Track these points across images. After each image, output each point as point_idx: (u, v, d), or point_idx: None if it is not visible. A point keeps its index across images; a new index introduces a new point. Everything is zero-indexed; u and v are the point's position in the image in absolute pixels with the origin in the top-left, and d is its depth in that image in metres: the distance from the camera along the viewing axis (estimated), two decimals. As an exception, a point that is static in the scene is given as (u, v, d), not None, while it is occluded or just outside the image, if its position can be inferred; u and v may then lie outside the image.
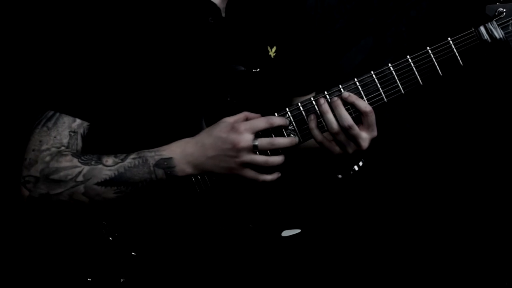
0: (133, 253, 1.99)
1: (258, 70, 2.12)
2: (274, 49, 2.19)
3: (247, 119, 1.93)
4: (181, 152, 1.92)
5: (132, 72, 1.99)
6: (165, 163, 1.92)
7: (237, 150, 1.88)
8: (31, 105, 2.07)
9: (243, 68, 2.07)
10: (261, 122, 1.91)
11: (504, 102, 3.04)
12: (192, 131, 1.97)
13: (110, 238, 1.99)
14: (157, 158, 1.92)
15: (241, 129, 1.88)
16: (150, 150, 1.94)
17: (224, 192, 2.01)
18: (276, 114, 1.97)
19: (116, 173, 1.92)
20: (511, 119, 3.04)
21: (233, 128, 1.88)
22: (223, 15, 2.10)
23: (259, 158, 1.90)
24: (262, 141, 1.90)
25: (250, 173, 1.92)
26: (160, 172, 1.92)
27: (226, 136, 1.88)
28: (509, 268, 2.99)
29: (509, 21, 1.91)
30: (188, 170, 1.92)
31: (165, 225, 2.01)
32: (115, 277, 1.98)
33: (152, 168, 1.92)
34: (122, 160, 1.93)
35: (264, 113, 1.98)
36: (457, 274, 3.01)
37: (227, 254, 2.07)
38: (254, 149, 1.89)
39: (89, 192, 1.92)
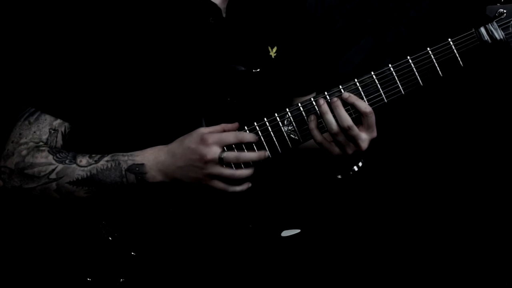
0: (133, 253, 1.99)
1: (258, 70, 2.12)
2: (274, 49, 2.19)
3: (224, 131, 1.94)
4: (154, 159, 1.94)
5: (130, 73, 1.99)
6: (137, 169, 1.94)
7: (204, 162, 1.89)
8: (18, 97, 2.08)
9: (243, 68, 2.07)
10: (231, 137, 1.92)
11: (504, 103, 3.04)
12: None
13: (110, 238, 1.99)
14: (129, 163, 1.94)
15: (209, 142, 1.90)
16: (124, 154, 1.96)
17: (224, 192, 2.00)
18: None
19: (89, 174, 1.93)
20: (511, 120, 3.04)
21: (202, 140, 1.90)
22: (224, 15, 2.09)
23: (226, 171, 1.91)
24: (229, 155, 1.91)
25: (218, 184, 1.93)
26: (131, 177, 1.94)
27: (195, 147, 1.90)
28: (509, 268, 2.99)
29: (509, 22, 1.91)
30: (159, 177, 1.94)
31: (164, 225, 2.00)
32: (115, 277, 1.98)
33: (123, 172, 1.94)
34: (96, 162, 1.94)
35: (264, 114, 1.98)
36: (457, 274, 3.02)
37: (227, 254, 2.07)
38: (220, 162, 1.90)
39: (60, 189, 1.94)
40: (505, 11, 1.91)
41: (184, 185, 1.95)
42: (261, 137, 1.97)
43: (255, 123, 1.97)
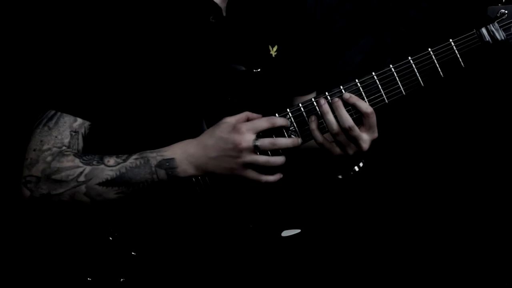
0: (133, 253, 1.99)
1: (258, 70, 2.12)
2: (275, 48, 2.19)
3: (248, 119, 1.93)
4: (183, 153, 1.92)
5: (132, 72, 1.99)
6: (167, 164, 1.92)
7: (239, 150, 1.87)
8: (32, 104, 2.07)
9: (243, 68, 2.06)
10: (263, 122, 1.91)
11: (505, 104, 3.04)
12: (192, 132, 1.96)
13: (110, 238, 1.99)
14: (159, 158, 1.92)
15: (243, 129, 1.88)
16: (152, 150, 1.94)
17: (224, 192, 2.00)
18: (277, 114, 1.97)
19: (118, 173, 1.91)
20: (511, 120, 3.05)
21: (235, 129, 1.88)
22: (224, 14, 2.09)
23: (260, 158, 1.89)
24: (264, 141, 1.89)
25: (252, 174, 1.91)
26: (161, 172, 1.92)
27: (228, 136, 1.88)
28: (509, 268, 2.99)
29: (511, 22, 1.92)
30: (190, 171, 1.92)
31: (165, 225, 2.00)
32: (115, 277, 1.97)
33: (154, 169, 1.92)
34: (124, 161, 1.92)
35: (264, 114, 1.98)
36: (457, 274, 3.02)
37: (227, 254, 2.06)
38: (255, 149, 1.88)
39: (90, 192, 1.92)
40: (506, 11, 1.91)
41: (216, 176, 1.94)
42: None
43: (256, 123, 1.97)
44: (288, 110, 1.97)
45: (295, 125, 1.97)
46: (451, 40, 1.94)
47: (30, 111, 2.04)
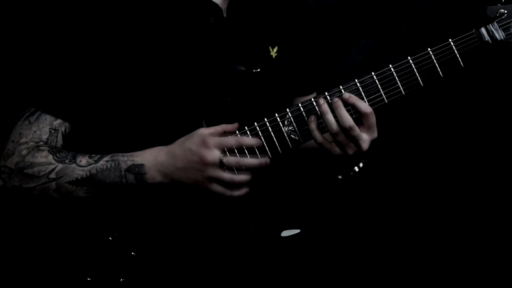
0: (133, 253, 1.99)
1: (258, 70, 2.12)
2: (275, 49, 2.19)
3: (224, 132, 1.95)
4: (153, 160, 1.94)
5: (130, 73, 1.99)
6: (136, 169, 1.93)
7: (204, 164, 1.89)
8: (18, 96, 2.08)
9: (243, 68, 2.07)
10: (231, 141, 1.92)
11: (505, 104, 3.04)
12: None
13: (110, 238, 1.99)
14: (129, 163, 1.94)
15: (210, 144, 1.89)
16: (124, 154, 1.95)
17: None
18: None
19: (88, 173, 1.93)
20: (511, 120, 3.04)
21: (204, 142, 1.90)
22: (225, 15, 2.09)
23: (226, 175, 1.91)
24: (229, 159, 1.91)
25: (217, 187, 1.93)
26: (130, 177, 1.93)
27: (195, 149, 1.90)
28: (509, 268, 2.99)
29: (510, 22, 1.91)
30: (158, 178, 1.94)
31: (165, 225, 2.00)
32: (115, 277, 1.98)
33: (123, 173, 1.93)
34: (96, 162, 1.94)
35: (264, 114, 1.98)
36: (457, 274, 3.02)
37: (227, 254, 2.07)
38: (221, 165, 1.90)
39: (60, 189, 1.94)
40: (505, 11, 1.91)
41: (184, 186, 1.95)
42: (262, 137, 1.97)
43: (256, 123, 1.97)
44: (287, 110, 1.97)
45: (295, 125, 1.97)
46: (450, 40, 1.94)
47: (18, 102, 2.05)
